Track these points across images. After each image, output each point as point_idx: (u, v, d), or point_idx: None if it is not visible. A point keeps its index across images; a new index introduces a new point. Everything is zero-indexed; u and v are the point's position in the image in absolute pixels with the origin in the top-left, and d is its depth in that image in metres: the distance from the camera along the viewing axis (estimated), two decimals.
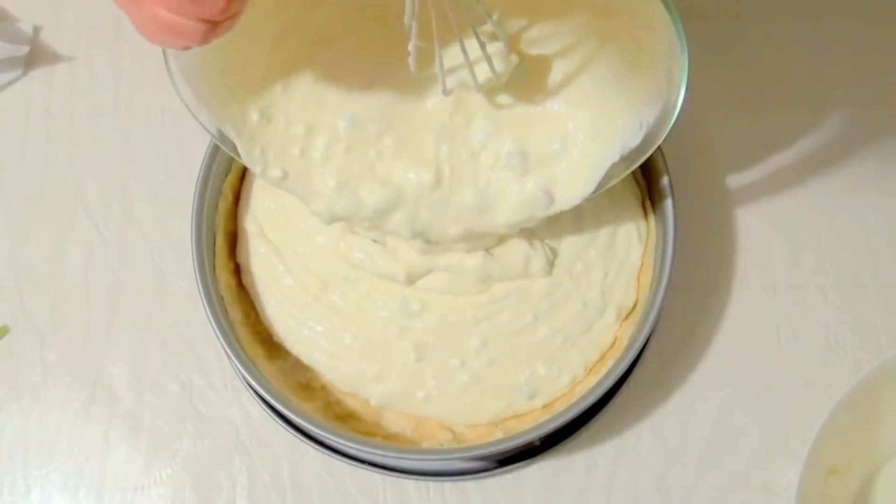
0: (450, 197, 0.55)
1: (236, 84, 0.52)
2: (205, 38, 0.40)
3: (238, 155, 0.53)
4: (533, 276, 0.59)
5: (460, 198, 0.55)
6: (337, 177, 0.54)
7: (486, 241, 0.58)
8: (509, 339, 0.59)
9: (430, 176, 0.54)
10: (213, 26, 0.39)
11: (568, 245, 0.60)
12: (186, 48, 0.42)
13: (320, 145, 0.54)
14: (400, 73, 0.53)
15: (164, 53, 0.47)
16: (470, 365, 0.59)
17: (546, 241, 0.59)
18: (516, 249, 0.59)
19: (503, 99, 0.55)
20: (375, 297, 0.60)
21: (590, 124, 0.54)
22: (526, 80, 0.54)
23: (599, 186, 0.53)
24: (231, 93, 0.52)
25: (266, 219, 0.62)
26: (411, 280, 0.59)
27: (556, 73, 0.54)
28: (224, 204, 0.62)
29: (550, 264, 0.59)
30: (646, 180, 0.61)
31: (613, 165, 0.53)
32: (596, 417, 0.60)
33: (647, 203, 0.61)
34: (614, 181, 0.54)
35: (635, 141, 0.52)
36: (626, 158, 0.53)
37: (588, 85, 0.54)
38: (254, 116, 0.53)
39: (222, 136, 0.52)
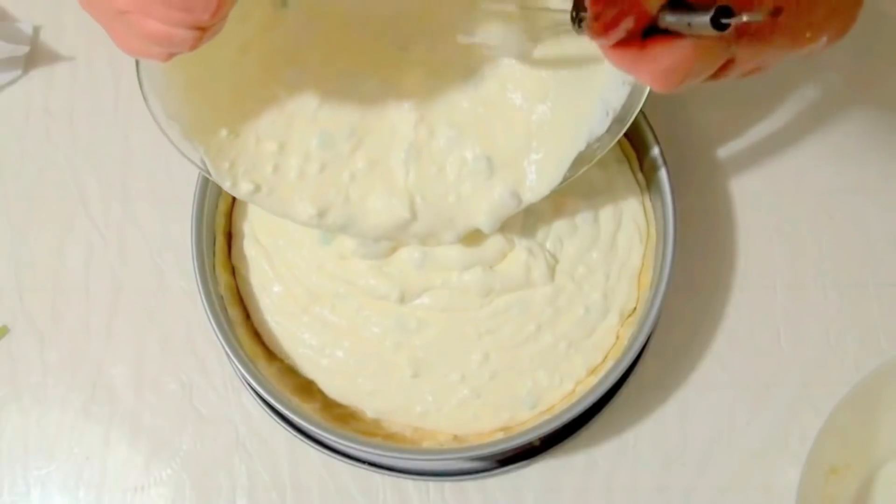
0: (426, 224, 0.55)
1: (202, 100, 0.51)
2: (196, 44, 0.40)
3: (208, 172, 0.52)
4: (535, 285, 0.59)
5: (434, 222, 0.55)
6: (315, 202, 0.54)
7: (484, 254, 0.58)
8: (512, 352, 0.58)
9: (406, 212, 0.54)
10: (203, 31, 0.39)
11: (570, 248, 0.59)
12: (171, 57, 0.42)
13: (294, 164, 0.54)
14: (364, 87, 0.53)
15: (138, 71, 0.47)
16: (470, 379, 0.58)
17: (547, 245, 0.59)
18: (516, 259, 0.58)
19: (462, 99, 0.54)
20: (368, 314, 0.59)
21: (552, 116, 0.53)
22: (483, 79, 0.54)
23: (566, 177, 0.53)
24: (197, 109, 0.51)
25: (258, 220, 0.61)
26: (405, 299, 0.59)
27: (512, 67, 0.54)
28: (224, 204, 0.62)
29: (552, 270, 0.59)
30: (645, 181, 0.61)
31: (581, 154, 0.52)
32: (596, 417, 0.60)
33: (647, 203, 0.61)
34: (583, 169, 0.53)
35: (602, 128, 0.51)
36: (592, 146, 0.52)
37: (545, 76, 0.53)
38: (222, 132, 0.52)
39: (196, 155, 0.52)
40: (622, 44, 0.36)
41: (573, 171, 0.53)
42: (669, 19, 0.35)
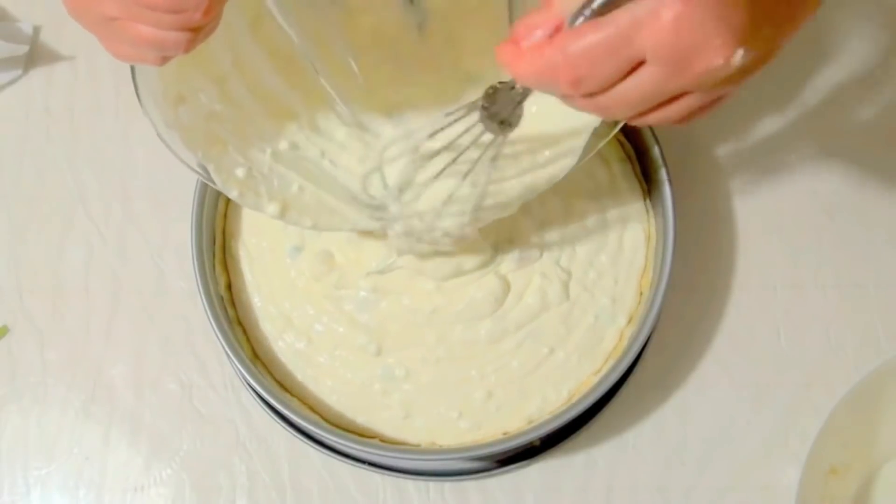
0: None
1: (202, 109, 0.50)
2: (189, 46, 0.39)
3: (211, 181, 0.50)
4: (551, 306, 0.58)
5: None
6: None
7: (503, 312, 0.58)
8: (520, 381, 0.58)
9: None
10: (196, 32, 0.38)
11: (581, 252, 0.59)
12: (165, 61, 0.41)
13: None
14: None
15: (134, 77, 0.46)
16: (472, 415, 0.57)
17: (561, 262, 0.59)
18: (531, 288, 0.58)
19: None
20: (348, 359, 0.58)
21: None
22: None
23: (583, 156, 0.52)
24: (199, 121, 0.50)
25: (247, 220, 0.61)
26: (382, 353, 0.58)
27: None
28: (223, 204, 0.62)
29: (566, 287, 0.58)
30: (646, 180, 0.61)
31: (595, 130, 0.51)
32: (596, 417, 0.60)
33: (648, 204, 0.61)
34: (600, 145, 0.52)
35: None
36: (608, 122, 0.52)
37: None
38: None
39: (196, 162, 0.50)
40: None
41: (589, 150, 0.52)
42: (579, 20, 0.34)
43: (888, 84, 0.68)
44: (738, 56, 0.32)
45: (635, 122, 0.37)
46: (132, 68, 0.46)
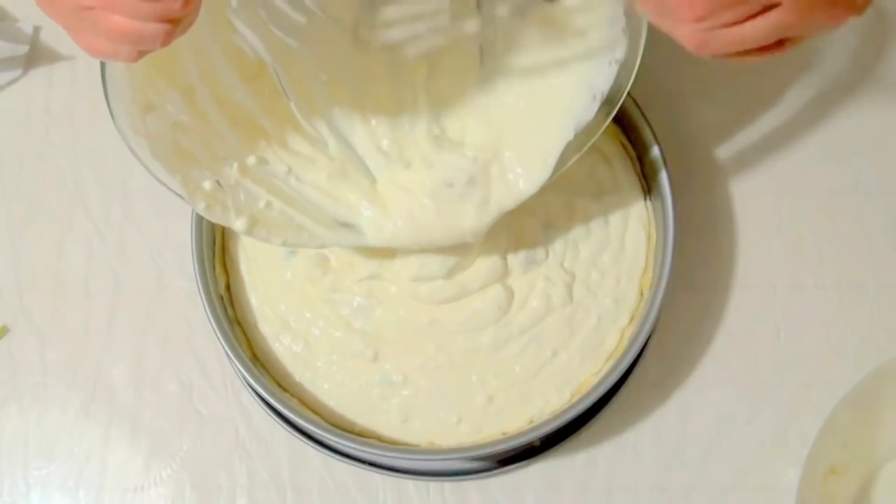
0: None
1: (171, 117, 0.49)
2: (167, 39, 0.38)
3: (180, 195, 0.50)
4: (555, 309, 0.58)
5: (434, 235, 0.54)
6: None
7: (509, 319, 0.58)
8: (522, 385, 0.57)
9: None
10: (175, 24, 0.37)
11: (584, 252, 0.59)
12: (141, 56, 0.39)
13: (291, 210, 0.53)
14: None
15: (104, 79, 0.45)
16: (472, 419, 0.57)
17: (564, 264, 0.59)
18: (535, 292, 0.58)
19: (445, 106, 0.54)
20: (345, 364, 0.58)
21: (533, 111, 0.52)
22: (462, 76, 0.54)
23: (557, 169, 0.52)
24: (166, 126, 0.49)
25: None
26: (379, 359, 0.57)
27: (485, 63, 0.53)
28: None
29: (569, 289, 0.58)
30: (646, 180, 0.61)
31: (569, 143, 0.51)
32: (596, 417, 0.60)
33: (648, 204, 0.61)
34: (574, 158, 0.52)
35: (589, 114, 0.50)
36: (583, 132, 0.51)
37: (522, 69, 0.52)
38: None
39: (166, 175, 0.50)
40: None
41: (563, 163, 0.52)
42: None
43: (888, 83, 0.68)
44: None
45: (724, 59, 0.37)
46: (102, 73, 0.45)
